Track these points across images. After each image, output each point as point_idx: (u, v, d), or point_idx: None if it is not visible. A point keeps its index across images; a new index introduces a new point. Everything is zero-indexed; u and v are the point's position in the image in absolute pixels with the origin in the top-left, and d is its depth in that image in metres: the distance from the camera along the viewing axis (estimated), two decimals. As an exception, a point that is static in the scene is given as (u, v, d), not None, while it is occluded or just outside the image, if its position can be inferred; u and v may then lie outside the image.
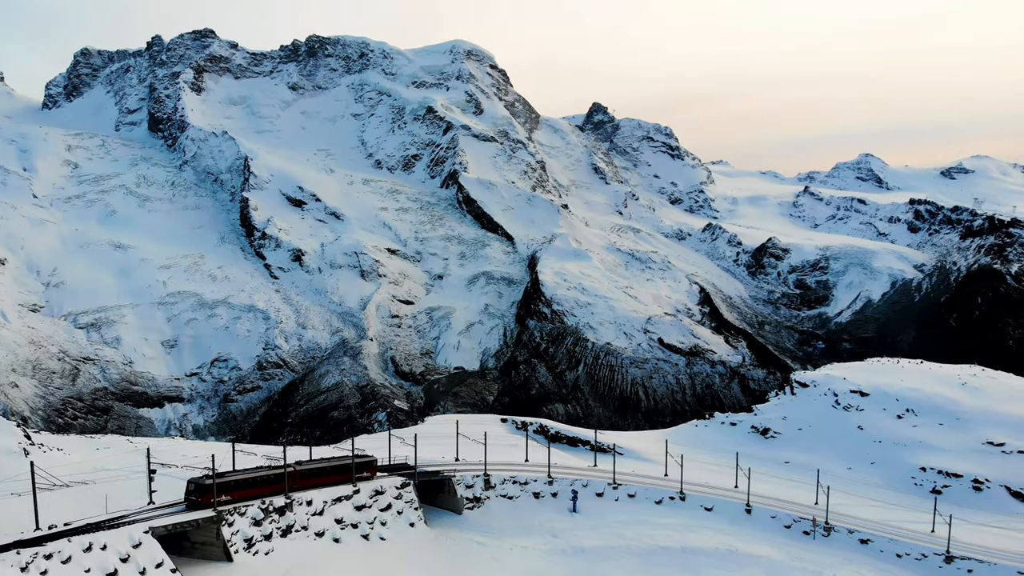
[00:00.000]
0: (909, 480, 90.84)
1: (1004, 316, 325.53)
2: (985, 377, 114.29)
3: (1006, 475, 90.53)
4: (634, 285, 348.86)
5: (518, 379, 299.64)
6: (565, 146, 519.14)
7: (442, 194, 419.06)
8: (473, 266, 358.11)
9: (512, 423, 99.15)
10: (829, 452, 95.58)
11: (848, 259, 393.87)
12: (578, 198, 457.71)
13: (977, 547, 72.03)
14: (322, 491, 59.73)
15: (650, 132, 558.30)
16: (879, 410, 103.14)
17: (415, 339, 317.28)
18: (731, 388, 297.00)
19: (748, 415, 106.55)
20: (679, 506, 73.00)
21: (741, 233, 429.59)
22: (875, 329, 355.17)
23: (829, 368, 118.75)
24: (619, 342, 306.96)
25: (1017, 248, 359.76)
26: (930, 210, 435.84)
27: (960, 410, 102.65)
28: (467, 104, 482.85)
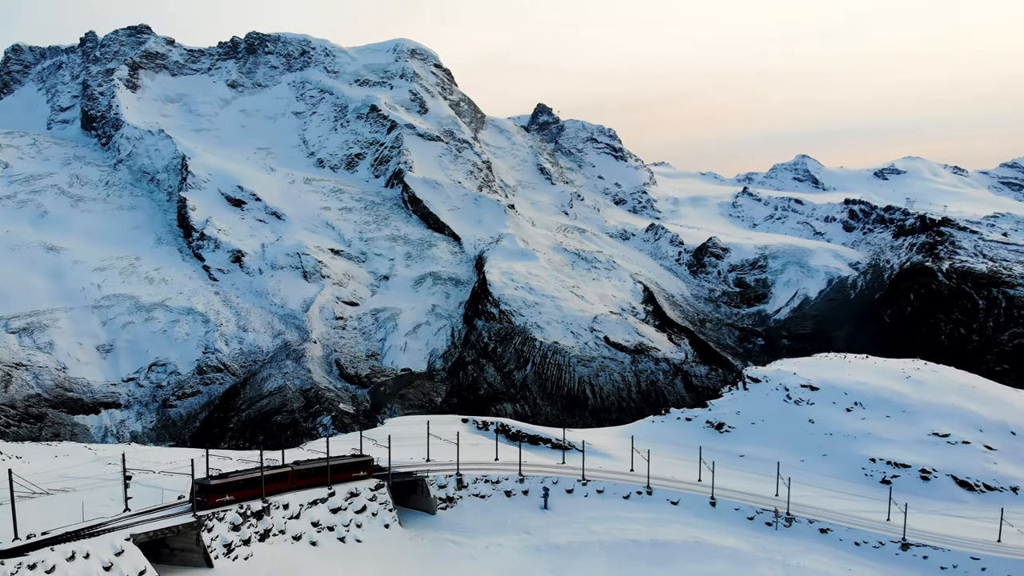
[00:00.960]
0: (860, 471, 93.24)
1: (936, 312, 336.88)
2: (928, 371, 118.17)
3: (951, 465, 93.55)
4: (581, 284, 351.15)
5: (466, 379, 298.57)
6: (511, 146, 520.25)
7: (387, 193, 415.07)
8: (419, 266, 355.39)
9: (473, 423, 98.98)
10: (782, 445, 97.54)
11: (786, 258, 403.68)
12: (524, 198, 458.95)
13: (930, 534, 74.28)
14: (297, 494, 59.29)
15: (594, 134, 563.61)
16: (829, 404, 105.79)
17: (360, 341, 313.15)
18: (675, 385, 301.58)
19: (703, 410, 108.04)
20: (646, 500, 74.32)
21: (683, 233, 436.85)
22: (812, 326, 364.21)
23: (780, 363, 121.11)
24: (566, 341, 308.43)
25: (948, 246, 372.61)
26: (864, 210, 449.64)
27: (906, 403, 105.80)
28: (411, 103, 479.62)
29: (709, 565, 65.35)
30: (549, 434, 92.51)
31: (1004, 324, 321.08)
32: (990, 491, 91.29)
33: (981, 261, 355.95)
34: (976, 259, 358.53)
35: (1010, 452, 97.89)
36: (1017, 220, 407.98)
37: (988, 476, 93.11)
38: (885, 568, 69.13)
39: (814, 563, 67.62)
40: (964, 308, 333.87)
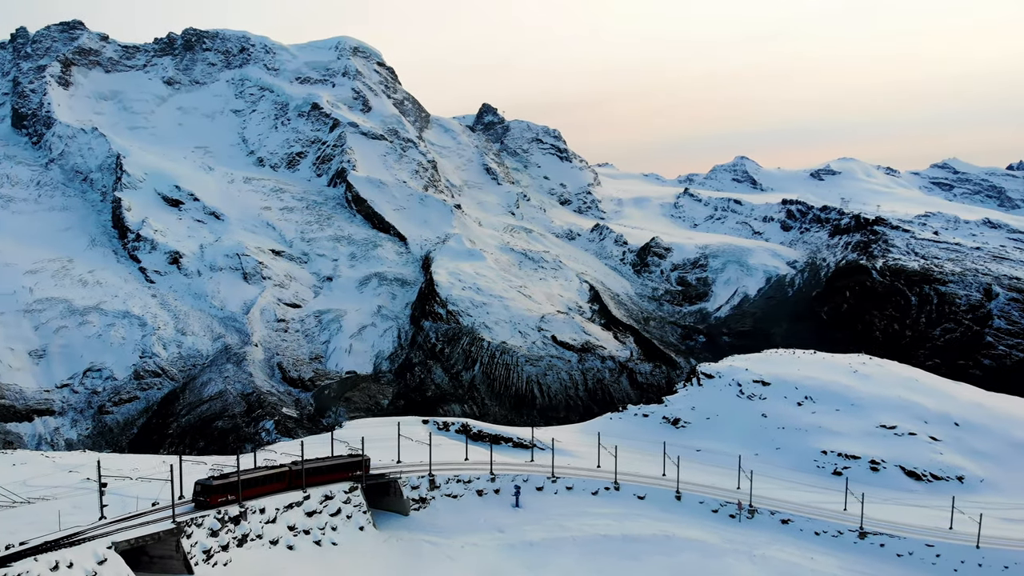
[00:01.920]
0: (812, 463, 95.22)
1: (870, 309, 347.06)
2: (873, 365, 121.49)
3: (899, 455, 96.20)
4: (528, 284, 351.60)
5: (413, 381, 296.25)
6: (456, 146, 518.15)
7: (329, 193, 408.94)
8: (364, 267, 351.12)
9: (434, 424, 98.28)
10: (737, 439, 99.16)
11: (726, 257, 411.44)
12: (471, 198, 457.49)
13: (885, 522, 76.16)
14: (273, 498, 59.07)
15: (539, 134, 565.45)
16: (780, 398, 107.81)
17: (303, 344, 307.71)
18: (620, 382, 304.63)
19: (659, 406, 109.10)
20: (614, 496, 75.35)
21: (627, 233, 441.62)
22: (751, 323, 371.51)
23: (732, 360, 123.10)
24: (514, 341, 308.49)
25: (881, 245, 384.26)
26: (801, 210, 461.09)
27: (854, 396, 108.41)
28: (354, 101, 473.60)
29: (678, 557, 66.57)
30: (511, 433, 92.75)
31: (936, 320, 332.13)
32: (937, 480, 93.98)
33: (913, 259, 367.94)
34: (908, 257, 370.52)
35: (954, 442, 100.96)
36: (947, 219, 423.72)
37: (934, 466, 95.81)
38: (845, 556, 70.83)
39: (778, 553, 69.24)
40: (897, 305, 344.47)
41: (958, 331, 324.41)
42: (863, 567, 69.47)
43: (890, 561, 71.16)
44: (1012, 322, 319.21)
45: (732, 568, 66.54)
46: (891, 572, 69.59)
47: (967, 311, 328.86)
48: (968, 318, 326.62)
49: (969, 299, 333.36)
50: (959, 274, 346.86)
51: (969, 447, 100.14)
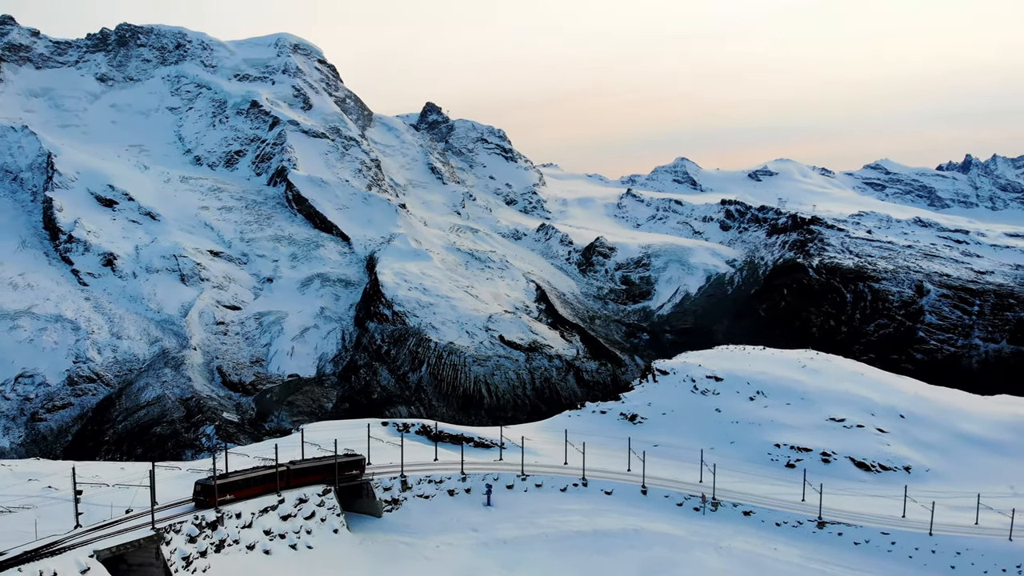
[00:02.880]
0: (766, 456, 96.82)
1: (807, 306, 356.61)
2: (821, 360, 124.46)
3: (849, 447, 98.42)
4: (475, 284, 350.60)
5: (358, 384, 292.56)
6: (400, 145, 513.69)
7: (269, 192, 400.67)
8: (306, 268, 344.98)
9: (393, 425, 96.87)
10: (692, 434, 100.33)
11: (668, 256, 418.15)
12: (415, 198, 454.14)
13: (842, 512, 77.79)
14: (248, 503, 58.56)
15: (484, 134, 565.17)
16: (733, 393, 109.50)
17: (244, 347, 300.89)
18: (567, 380, 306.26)
19: (616, 403, 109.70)
20: (583, 492, 76.06)
21: (572, 233, 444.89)
22: (693, 320, 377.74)
23: (685, 356, 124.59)
24: (462, 341, 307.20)
25: (817, 243, 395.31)
26: (739, 210, 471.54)
27: (804, 390, 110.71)
28: (295, 99, 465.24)
29: (649, 551, 67.61)
30: (472, 433, 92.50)
31: (870, 316, 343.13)
32: (885, 471, 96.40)
33: (848, 257, 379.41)
34: (843, 255, 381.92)
35: (900, 434, 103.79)
36: (880, 218, 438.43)
37: (883, 457, 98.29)
38: (805, 546, 72.38)
39: (742, 544, 70.66)
40: (833, 301, 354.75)
41: (891, 327, 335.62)
42: (823, 556, 70.94)
43: (848, 549, 72.78)
44: (943, 318, 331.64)
45: (700, 560, 67.65)
46: (849, 560, 71.07)
47: (900, 307, 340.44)
48: (901, 314, 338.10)
49: (902, 296, 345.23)
50: (892, 272, 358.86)
51: (914, 438, 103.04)
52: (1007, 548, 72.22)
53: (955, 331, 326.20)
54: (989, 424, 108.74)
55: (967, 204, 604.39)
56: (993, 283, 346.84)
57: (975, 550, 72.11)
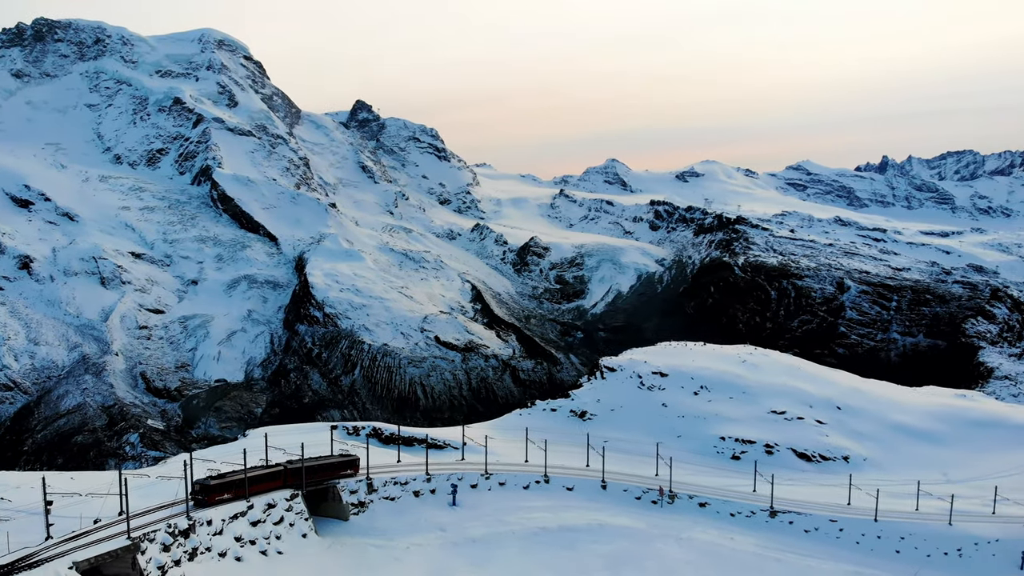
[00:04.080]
0: (712, 449, 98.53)
1: (734, 303, 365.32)
2: (759, 355, 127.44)
3: (790, 439, 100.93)
4: (409, 285, 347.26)
5: (289, 388, 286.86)
6: (330, 143, 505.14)
7: (193, 192, 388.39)
8: (232, 269, 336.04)
9: (343, 428, 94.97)
10: (640, 429, 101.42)
11: (600, 256, 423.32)
12: (346, 197, 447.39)
13: (791, 501, 79.79)
14: (219, 509, 57.77)
15: (416, 133, 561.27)
16: (678, 388, 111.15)
17: (168, 352, 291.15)
18: (504, 380, 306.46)
19: (566, 400, 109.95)
20: (545, 489, 76.85)
21: (506, 233, 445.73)
22: (625, 318, 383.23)
23: (631, 353, 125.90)
24: (396, 343, 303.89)
25: (742, 243, 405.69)
26: (668, 210, 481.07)
27: (745, 384, 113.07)
28: (219, 96, 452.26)
29: (613, 545, 68.72)
30: (423, 434, 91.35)
31: (794, 312, 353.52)
32: (825, 461, 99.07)
33: (772, 255, 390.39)
34: (768, 254, 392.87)
35: (837, 425, 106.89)
36: (802, 218, 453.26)
37: (822, 447, 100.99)
38: (759, 535, 74.13)
39: (701, 535, 72.28)
40: (758, 298, 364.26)
41: (814, 322, 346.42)
42: (777, 544, 72.60)
43: (799, 537, 74.68)
44: (863, 313, 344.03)
45: (662, 552, 68.79)
46: (801, 547, 72.87)
47: (822, 303, 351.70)
48: (823, 310, 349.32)
49: (823, 292, 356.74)
50: (814, 269, 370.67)
51: (851, 429, 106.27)
52: (947, 532, 75.14)
53: (874, 326, 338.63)
54: (920, 414, 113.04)
55: (884, 203, 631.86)
56: (910, 279, 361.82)
57: (918, 535, 74.77)
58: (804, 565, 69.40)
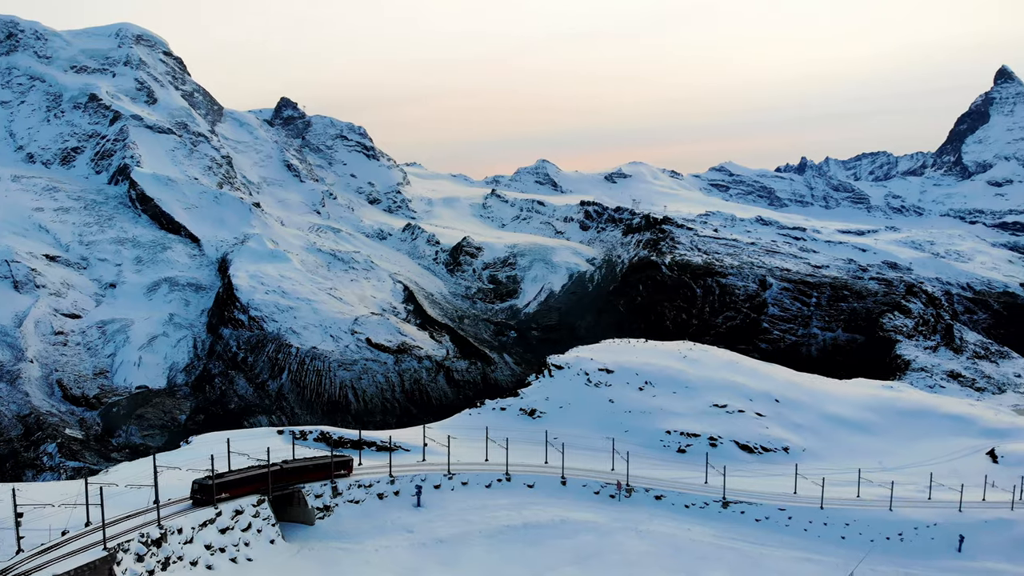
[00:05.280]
0: (659, 443, 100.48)
1: (662, 301, 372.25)
2: (699, 350, 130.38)
3: (732, 431, 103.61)
4: (338, 286, 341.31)
5: (213, 394, 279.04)
6: (253, 141, 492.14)
7: (111, 191, 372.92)
8: (153, 272, 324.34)
9: (289, 433, 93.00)
10: (589, 425, 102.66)
11: (532, 255, 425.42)
12: (271, 196, 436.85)
13: (741, 491, 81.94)
14: (188, 516, 56.11)
15: (343, 131, 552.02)
16: (624, 384, 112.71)
17: (86, 358, 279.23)
18: (437, 381, 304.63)
19: (515, 399, 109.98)
20: (507, 487, 77.25)
21: (438, 233, 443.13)
22: (557, 317, 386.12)
23: (577, 351, 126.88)
24: (325, 345, 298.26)
25: (669, 242, 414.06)
26: (597, 210, 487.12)
27: (687, 379, 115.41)
28: (138, 92, 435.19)
29: (577, 539, 69.80)
30: (373, 437, 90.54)
31: (718, 309, 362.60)
32: (767, 452, 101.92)
33: (697, 254, 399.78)
34: (693, 253, 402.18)
35: (776, 417, 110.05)
36: (725, 218, 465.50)
37: (763, 439, 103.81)
38: (715, 525, 76.07)
39: (659, 527, 73.72)
40: (685, 296, 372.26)
41: (738, 318, 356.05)
42: (731, 533, 74.56)
43: (751, 526, 76.82)
44: (784, 309, 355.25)
45: (624, 544, 69.93)
46: (754, 536, 74.96)
47: (745, 300, 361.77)
48: (746, 307, 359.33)
49: (747, 289, 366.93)
50: (737, 267, 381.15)
51: (790, 421, 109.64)
52: (889, 518, 78.46)
53: (795, 321, 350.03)
54: (853, 405, 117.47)
55: (803, 203, 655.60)
56: (828, 276, 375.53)
57: (861, 521, 77.71)
58: (758, 554, 71.24)
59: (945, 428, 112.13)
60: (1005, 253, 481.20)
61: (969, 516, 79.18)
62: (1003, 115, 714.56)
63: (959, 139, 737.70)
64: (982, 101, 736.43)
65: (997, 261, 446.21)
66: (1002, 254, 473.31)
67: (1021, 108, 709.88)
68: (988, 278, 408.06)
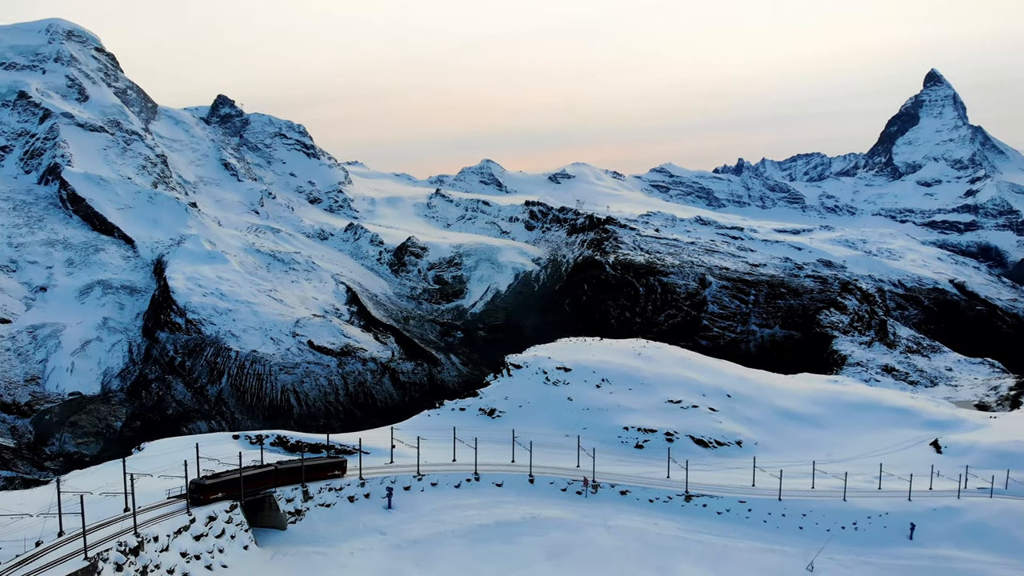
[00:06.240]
0: (617, 439, 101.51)
1: (606, 299, 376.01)
2: (652, 348, 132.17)
3: (687, 426, 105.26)
4: (278, 288, 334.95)
5: (150, 399, 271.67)
6: (189, 139, 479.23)
7: (40, 192, 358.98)
8: (85, 274, 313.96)
9: (245, 438, 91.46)
10: (548, 423, 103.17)
11: (478, 255, 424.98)
12: (207, 196, 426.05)
13: (702, 485, 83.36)
14: (163, 524, 55.80)
15: (283, 129, 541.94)
16: (581, 382, 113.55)
17: (16, 364, 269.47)
18: (383, 383, 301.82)
19: (475, 399, 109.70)
20: (476, 486, 77.40)
21: (382, 233, 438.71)
22: (504, 317, 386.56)
23: (535, 350, 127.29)
24: (266, 349, 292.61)
25: (612, 242, 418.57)
26: (542, 210, 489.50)
27: (642, 376, 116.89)
28: (69, 90, 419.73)
29: (548, 536, 70.43)
30: (332, 440, 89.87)
31: (661, 307, 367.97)
32: (721, 446, 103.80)
33: (640, 254, 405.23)
34: (635, 252, 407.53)
35: (729, 412, 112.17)
36: (666, 218, 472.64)
37: (717, 434, 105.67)
38: (679, 518, 77.31)
39: (627, 522, 74.65)
40: (628, 295, 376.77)
41: (679, 316, 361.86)
42: (695, 526, 75.76)
43: (713, 519, 78.26)
44: (723, 307, 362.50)
45: (595, 540, 70.65)
46: (717, 528, 76.42)
47: (686, 298, 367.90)
48: (687, 304, 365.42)
49: (687, 288, 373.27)
50: (678, 266, 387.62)
51: (742, 415, 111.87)
52: (843, 508, 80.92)
53: (735, 318, 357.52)
54: (800, 399, 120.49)
55: (741, 203, 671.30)
56: (766, 274, 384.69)
57: (817, 511, 79.89)
58: (723, 545, 72.60)
59: (889, 420, 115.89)
60: (934, 251, 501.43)
61: (919, 504, 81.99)
62: (932, 117, 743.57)
63: (890, 141, 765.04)
64: (912, 104, 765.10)
65: (927, 259, 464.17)
66: (931, 252, 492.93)
67: (949, 110, 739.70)
68: (918, 275, 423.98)
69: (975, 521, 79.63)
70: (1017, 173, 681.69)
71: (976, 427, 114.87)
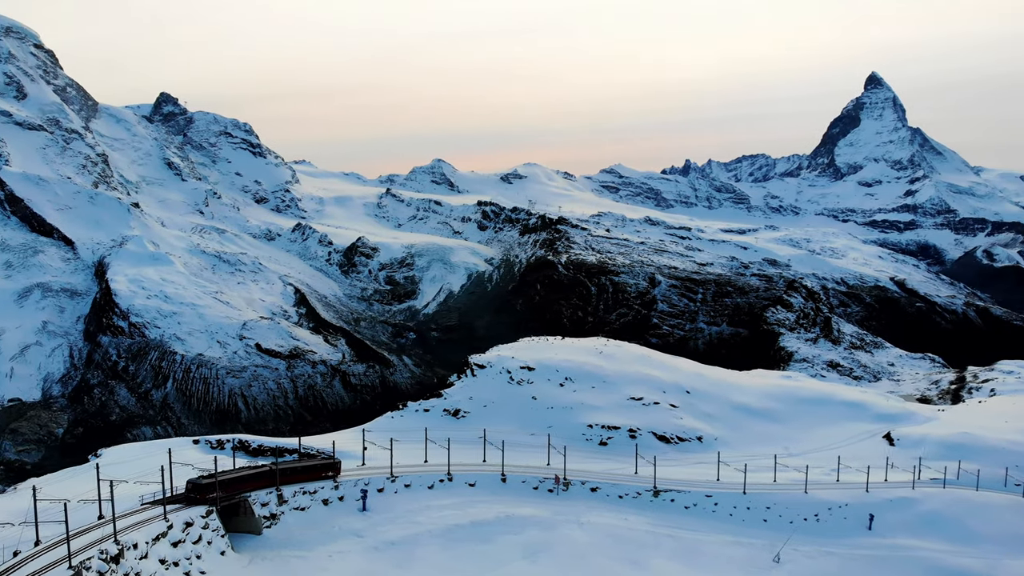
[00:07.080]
0: (581, 437, 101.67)
1: (559, 299, 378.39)
2: (612, 346, 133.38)
3: (649, 423, 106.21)
4: (224, 290, 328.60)
5: (93, 405, 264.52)
6: (131, 138, 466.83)
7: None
8: (23, 277, 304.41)
9: (206, 443, 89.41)
10: (513, 422, 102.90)
11: (431, 256, 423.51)
12: (150, 196, 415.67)
13: (669, 480, 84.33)
14: (142, 531, 54.99)
15: (228, 127, 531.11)
16: (545, 381, 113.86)
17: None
18: (333, 386, 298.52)
19: (439, 399, 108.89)
20: (449, 487, 77.34)
21: (331, 233, 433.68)
22: (457, 317, 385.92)
23: (498, 349, 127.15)
24: (212, 352, 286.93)
25: (564, 242, 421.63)
26: (495, 211, 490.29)
27: (604, 374, 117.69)
28: (6, 87, 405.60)
29: (524, 534, 70.70)
30: (293, 444, 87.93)
31: (612, 306, 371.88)
32: (682, 442, 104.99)
33: (591, 254, 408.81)
34: (587, 252, 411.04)
35: (688, 408, 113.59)
36: (616, 218, 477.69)
37: (678, 429, 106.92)
38: (649, 514, 78.01)
39: (598, 518, 75.09)
40: (580, 294, 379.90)
41: (630, 315, 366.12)
42: (665, 521, 76.67)
43: (682, 513, 79.26)
44: (672, 305, 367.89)
45: (570, 537, 71.09)
46: (686, 523, 77.32)
47: (636, 297, 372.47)
48: (638, 303, 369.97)
49: (638, 287, 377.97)
50: (628, 266, 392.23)
51: (701, 411, 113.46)
52: (805, 500, 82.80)
53: (683, 317, 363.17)
54: (757, 395, 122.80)
55: (688, 204, 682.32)
56: (713, 273, 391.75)
57: (780, 504, 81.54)
58: (693, 539, 73.61)
59: (842, 414, 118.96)
60: (875, 249, 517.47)
61: (876, 496, 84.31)
62: (873, 119, 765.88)
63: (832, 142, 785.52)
64: (853, 106, 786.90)
65: (868, 257, 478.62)
66: (872, 250, 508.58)
67: (889, 113, 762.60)
68: (860, 273, 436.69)
69: (930, 511, 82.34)
70: (955, 173, 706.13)
71: (926, 420, 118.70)
